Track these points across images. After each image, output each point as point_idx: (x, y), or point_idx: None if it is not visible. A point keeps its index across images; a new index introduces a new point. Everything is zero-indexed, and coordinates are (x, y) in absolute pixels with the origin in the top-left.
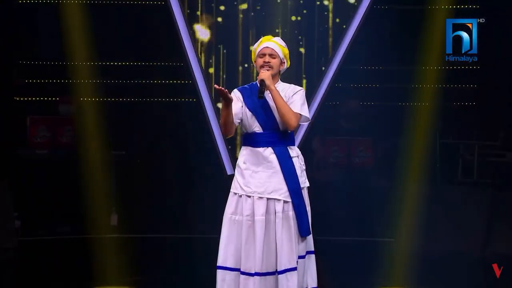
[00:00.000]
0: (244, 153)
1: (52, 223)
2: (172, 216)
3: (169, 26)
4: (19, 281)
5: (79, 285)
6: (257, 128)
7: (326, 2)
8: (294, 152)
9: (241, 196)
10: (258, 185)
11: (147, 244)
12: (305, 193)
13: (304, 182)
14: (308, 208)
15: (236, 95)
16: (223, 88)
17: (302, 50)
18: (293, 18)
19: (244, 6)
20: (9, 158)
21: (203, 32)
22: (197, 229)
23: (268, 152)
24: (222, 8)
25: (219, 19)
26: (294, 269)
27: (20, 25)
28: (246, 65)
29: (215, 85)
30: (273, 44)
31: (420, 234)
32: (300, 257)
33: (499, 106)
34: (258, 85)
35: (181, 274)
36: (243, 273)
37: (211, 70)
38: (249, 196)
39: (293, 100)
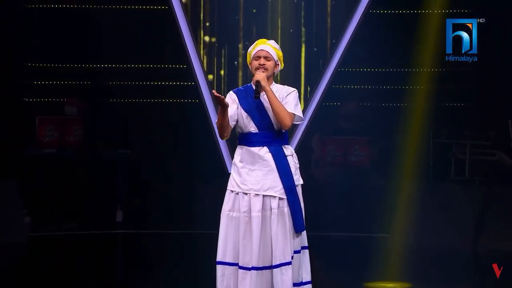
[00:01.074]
0: (240, 152)
1: (60, 219)
2: (175, 213)
3: (173, 31)
4: (29, 275)
5: (86, 279)
6: (252, 128)
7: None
8: (289, 151)
9: (238, 193)
10: (254, 182)
11: (151, 239)
12: (299, 190)
13: (298, 179)
14: (302, 205)
15: (231, 97)
16: (220, 95)
17: (302, 51)
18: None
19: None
20: (19, 157)
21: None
22: (200, 225)
23: (263, 151)
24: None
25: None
26: (289, 263)
27: (29, 28)
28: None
29: (213, 91)
30: (267, 47)
31: (414, 230)
32: (295, 252)
33: (493, 107)
34: (254, 86)
35: (184, 268)
36: (241, 267)
37: (210, 77)
38: (246, 194)
39: (287, 101)
